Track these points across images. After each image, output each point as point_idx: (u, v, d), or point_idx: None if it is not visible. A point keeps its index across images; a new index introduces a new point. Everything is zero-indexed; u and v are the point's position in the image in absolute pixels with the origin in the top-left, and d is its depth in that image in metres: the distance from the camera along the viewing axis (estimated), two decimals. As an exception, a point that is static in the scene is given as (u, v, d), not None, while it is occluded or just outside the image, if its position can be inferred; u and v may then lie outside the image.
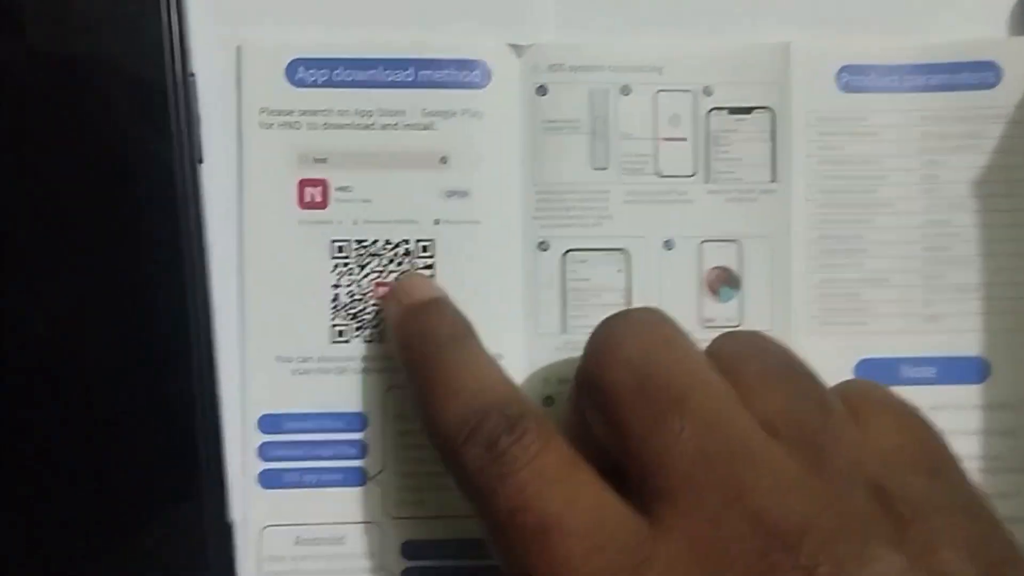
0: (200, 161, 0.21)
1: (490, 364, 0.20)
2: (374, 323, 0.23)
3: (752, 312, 0.24)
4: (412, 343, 0.21)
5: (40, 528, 0.21)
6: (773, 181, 0.24)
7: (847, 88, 0.24)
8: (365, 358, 0.23)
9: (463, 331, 0.21)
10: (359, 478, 0.23)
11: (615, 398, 0.18)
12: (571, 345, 0.24)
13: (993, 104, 0.24)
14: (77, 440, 0.21)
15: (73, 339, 0.21)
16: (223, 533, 0.21)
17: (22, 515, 0.21)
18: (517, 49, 0.24)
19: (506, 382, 0.20)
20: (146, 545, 0.21)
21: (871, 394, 0.19)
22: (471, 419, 0.18)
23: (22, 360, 0.21)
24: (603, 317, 0.20)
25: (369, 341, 0.23)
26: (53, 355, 0.21)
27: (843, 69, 0.24)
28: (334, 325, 0.23)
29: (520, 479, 0.17)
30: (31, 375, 0.21)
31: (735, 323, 0.24)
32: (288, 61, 0.23)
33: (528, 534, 0.17)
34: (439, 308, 0.22)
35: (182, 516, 0.21)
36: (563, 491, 0.17)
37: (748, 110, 0.24)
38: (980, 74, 0.24)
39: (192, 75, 0.21)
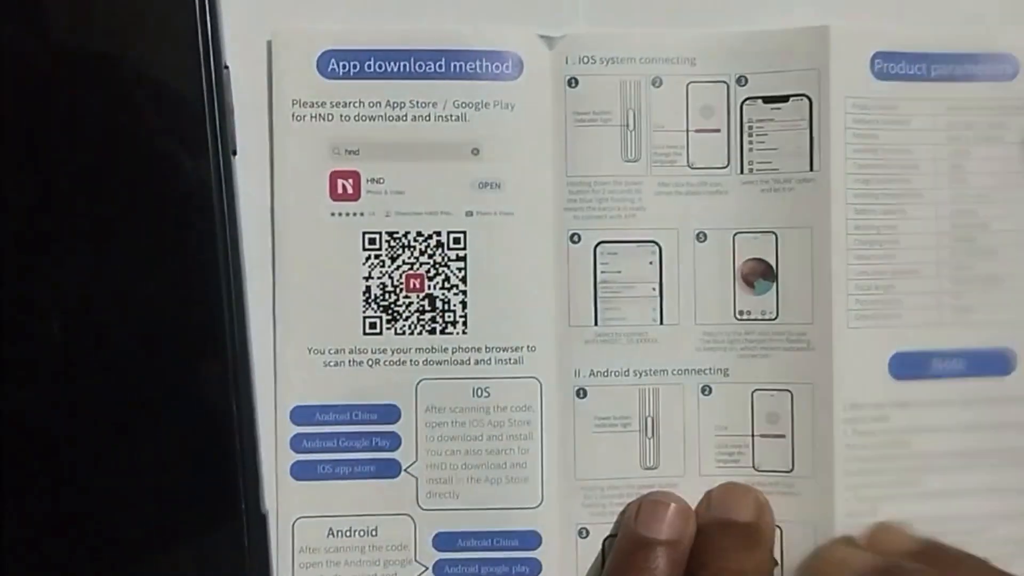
0: (234, 153, 0.21)
1: None
2: (405, 315, 0.23)
3: (789, 305, 0.24)
4: None
5: (84, 520, 0.21)
6: (812, 170, 0.24)
7: (881, 75, 0.24)
8: (397, 350, 0.23)
9: None
10: (392, 469, 0.23)
11: None
12: (602, 337, 0.24)
13: (1013, 96, 0.25)
14: (116, 435, 0.21)
15: (109, 332, 0.21)
16: (258, 524, 0.22)
17: (67, 505, 0.21)
18: (548, 41, 0.24)
19: None
20: (184, 536, 0.21)
21: None
22: None
23: (61, 356, 0.21)
24: None
25: (401, 333, 0.23)
26: (91, 351, 0.21)
27: (876, 55, 0.24)
28: (366, 317, 0.23)
29: None
30: (70, 371, 0.21)
31: (771, 316, 0.24)
32: (319, 53, 0.23)
33: None
34: None
35: (218, 507, 0.21)
36: None
37: (785, 98, 0.24)
38: (1000, 66, 0.25)
39: (226, 67, 0.21)
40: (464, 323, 0.23)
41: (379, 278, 0.23)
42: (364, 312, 0.23)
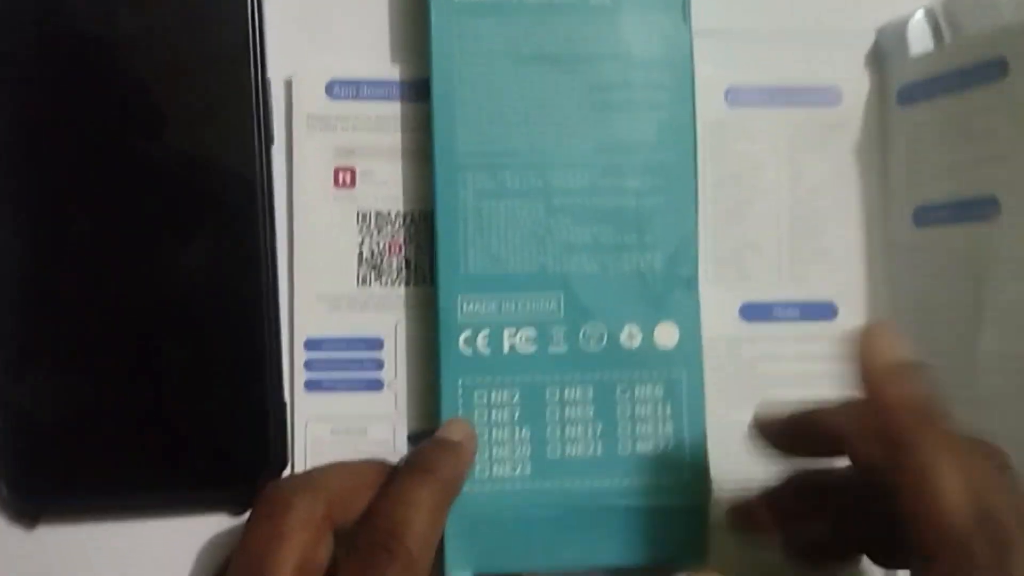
0: (272, 142, 0.30)
1: (972, 449, 0.22)
2: (388, 272, 0.32)
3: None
4: (904, 416, 0.22)
5: (151, 407, 0.30)
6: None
7: (733, 104, 0.33)
8: (381, 297, 0.32)
9: (944, 409, 0.22)
10: (377, 385, 0.32)
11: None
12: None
13: (837, 116, 0.34)
14: (185, 344, 0.30)
15: (179, 276, 0.30)
16: (280, 409, 0.30)
17: (139, 394, 0.30)
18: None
19: (989, 477, 0.21)
20: (231, 414, 0.30)
21: None
22: (979, 515, 0.20)
23: (142, 297, 0.30)
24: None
25: (384, 285, 0.32)
26: (165, 291, 0.30)
27: (729, 89, 0.33)
28: (359, 273, 0.32)
29: None
30: (149, 306, 0.30)
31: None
32: (327, 81, 0.32)
33: None
34: (920, 375, 0.23)
35: (255, 396, 0.30)
36: None
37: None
38: (827, 95, 0.34)
39: (268, 79, 0.30)
40: (430, 278, 0.32)
41: (369, 244, 0.32)
42: (358, 269, 0.32)
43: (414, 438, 0.32)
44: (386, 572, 0.23)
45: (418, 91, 0.32)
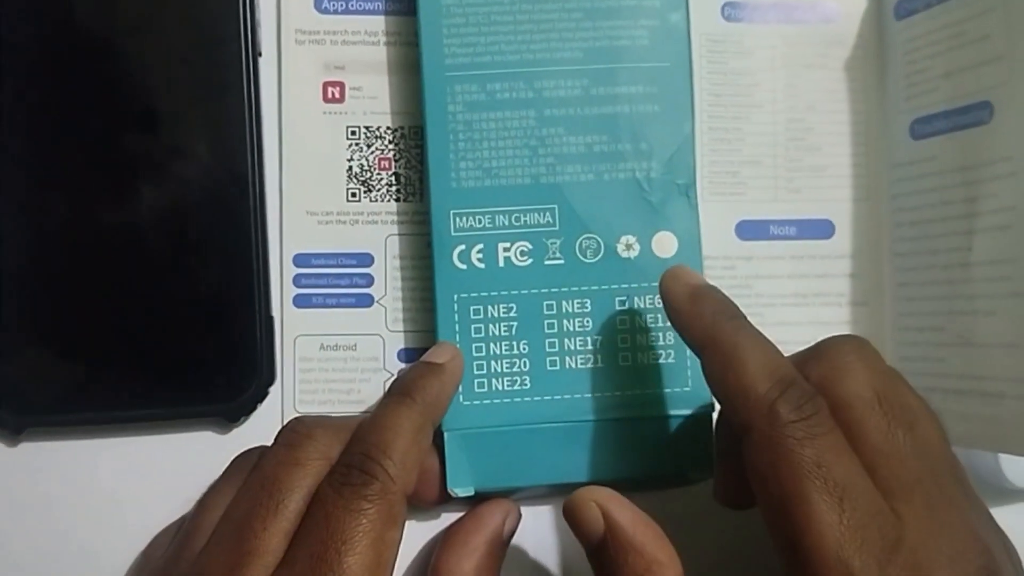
0: (260, 55, 0.30)
1: (769, 341, 0.24)
2: (377, 187, 0.32)
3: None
4: (705, 318, 0.25)
5: (138, 321, 0.29)
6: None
7: (729, 19, 0.33)
8: (371, 213, 0.32)
9: (740, 311, 0.25)
10: (367, 301, 0.31)
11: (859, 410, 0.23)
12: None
13: (833, 34, 0.33)
14: (173, 259, 0.29)
15: (167, 192, 0.29)
16: (268, 324, 0.30)
17: (127, 309, 0.29)
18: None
19: (787, 360, 0.24)
20: (220, 326, 0.29)
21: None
22: (781, 383, 0.22)
23: (129, 213, 0.29)
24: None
25: (374, 201, 0.32)
26: (152, 207, 0.29)
27: (725, 4, 0.33)
28: (348, 188, 0.32)
29: (823, 443, 0.21)
30: (146, 219, 0.29)
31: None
32: (316, -6, 0.32)
33: (829, 487, 0.21)
34: (718, 291, 0.26)
35: (242, 309, 0.29)
36: (849, 464, 0.21)
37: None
38: (824, 11, 0.33)
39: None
40: (420, 193, 0.32)
41: (358, 160, 0.32)
42: (347, 185, 0.32)
43: (404, 354, 0.31)
44: (363, 494, 0.23)
45: (408, 3, 0.31)
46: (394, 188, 0.32)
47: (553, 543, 0.31)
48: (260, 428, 0.30)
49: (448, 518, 0.30)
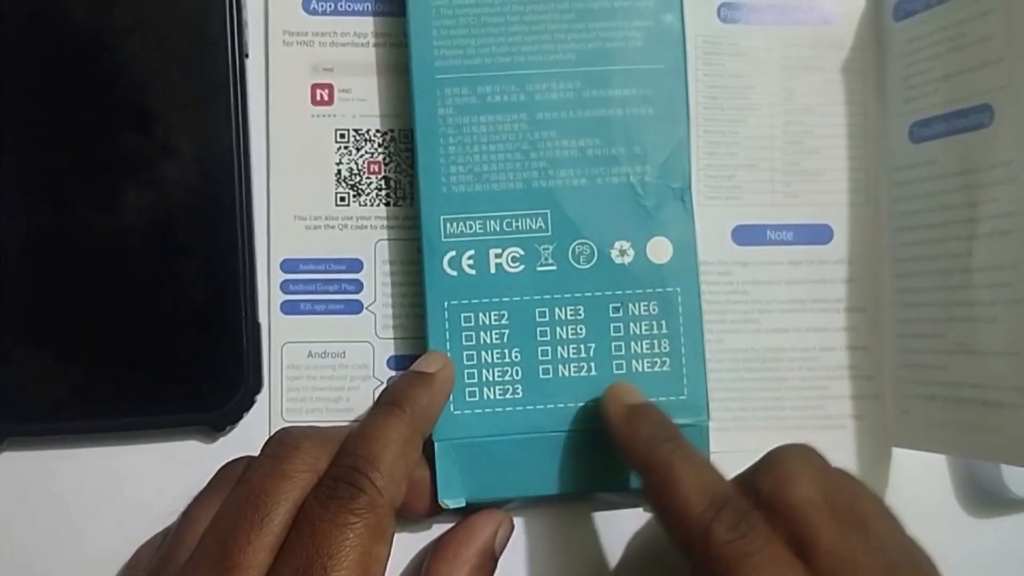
0: (247, 56, 0.29)
1: (708, 460, 0.25)
2: (367, 192, 0.31)
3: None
4: (640, 440, 0.26)
5: (123, 328, 0.29)
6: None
7: (725, 20, 0.32)
8: (360, 217, 0.31)
9: (678, 432, 0.26)
10: (356, 307, 0.31)
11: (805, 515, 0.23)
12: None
13: (831, 36, 0.33)
14: (158, 264, 0.29)
15: (152, 195, 0.29)
16: (255, 331, 0.29)
17: (112, 315, 0.28)
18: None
19: (724, 477, 0.24)
20: (206, 333, 0.29)
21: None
22: (715, 504, 0.23)
23: (115, 217, 0.29)
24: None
25: (363, 205, 0.31)
26: (138, 210, 0.29)
27: (722, 5, 0.32)
28: (337, 192, 0.31)
29: (760, 558, 0.22)
30: (130, 224, 0.29)
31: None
32: (304, -5, 0.31)
33: None
34: (655, 411, 0.27)
35: (230, 316, 0.29)
36: (790, 574, 0.22)
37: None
38: (820, 13, 0.33)
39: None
40: (410, 198, 0.31)
41: (347, 163, 0.31)
42: (336, 189, 0.31)
43: (394, 361, 0.31)
44: (350, 507, 0.22)
45: (397, 4, 0.31)
46: (384, 192, 0.31)
47: (546, 553, 0.31)
48: (247, 437, 0.30)
49: (439, 528, 0.30)
